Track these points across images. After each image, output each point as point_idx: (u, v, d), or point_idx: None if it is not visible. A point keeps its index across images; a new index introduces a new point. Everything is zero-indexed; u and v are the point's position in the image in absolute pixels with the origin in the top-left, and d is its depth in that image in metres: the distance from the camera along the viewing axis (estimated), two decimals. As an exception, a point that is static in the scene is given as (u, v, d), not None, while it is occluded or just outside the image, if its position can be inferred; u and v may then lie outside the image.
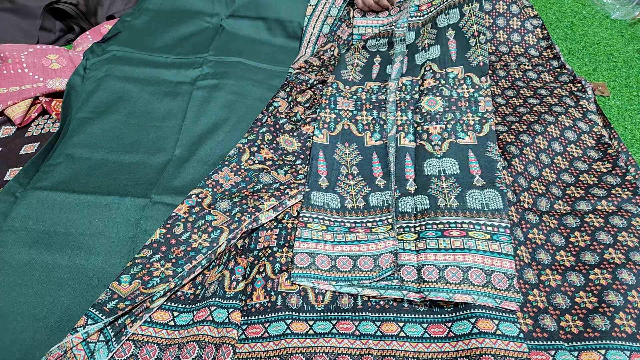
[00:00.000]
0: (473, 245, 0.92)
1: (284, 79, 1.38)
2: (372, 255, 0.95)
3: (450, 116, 1.16)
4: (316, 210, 1.03)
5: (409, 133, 1.17)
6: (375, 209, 1.04)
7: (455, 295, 0.86)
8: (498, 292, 0.86)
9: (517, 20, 1.49)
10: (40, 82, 1.32)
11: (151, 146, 1.19)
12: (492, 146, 1.09)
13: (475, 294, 0.86)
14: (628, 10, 1.62)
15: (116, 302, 0.86)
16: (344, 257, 0.95)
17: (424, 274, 0.90)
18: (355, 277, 0.92)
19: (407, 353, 0.82)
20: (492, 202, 0.98)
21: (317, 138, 1.18)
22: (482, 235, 0.94)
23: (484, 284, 0.87)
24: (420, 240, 0.96)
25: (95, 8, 1.67)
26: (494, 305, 0.84)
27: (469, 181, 1.03)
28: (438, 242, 0.94)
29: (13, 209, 1.02)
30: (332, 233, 0.99)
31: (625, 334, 0.81)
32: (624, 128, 1.28)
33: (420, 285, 0.89)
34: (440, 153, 1.10)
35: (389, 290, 0.89)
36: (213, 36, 1.54)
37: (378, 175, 1.10)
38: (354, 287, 0.90)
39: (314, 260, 0.94)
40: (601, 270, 0.90)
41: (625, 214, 0.99)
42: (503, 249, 0.91)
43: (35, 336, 0.85)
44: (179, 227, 0.99)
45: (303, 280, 0.92)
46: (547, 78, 1.37)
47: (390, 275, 0.91)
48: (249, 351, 0.83)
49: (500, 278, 0.87)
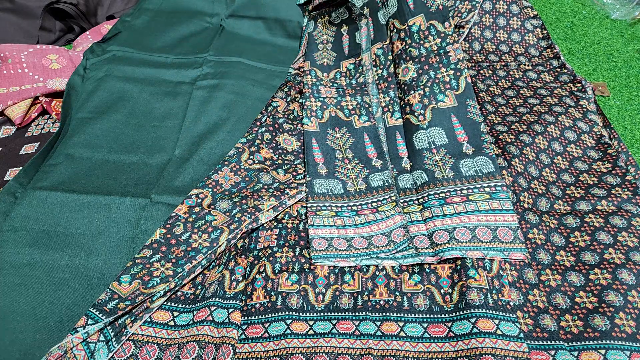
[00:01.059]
0: (475, 207, 0.98)
1: (284, 79, 1.38)
2: (384, 232, 0.99)
3: (425, 78, 1.17)
4: (322, 199, 1.06)
5: (395, 111, 1.19)
6: (377, 189, 1.07)
7: (468, 252, 0.91)
8: (504, 245, 0.92)
9: (517, 20, 1.49)
10: (40, 82, 1.32)
11: (151, 146, 1.19)
12: (472, 104, 1.11)
13: (484, 249, 0.92)
14: (628, 10, 1.62)
15: (116, 302, 0.86)
16: (358, 238, 0.99)
17: (436, 239, 0.95)
18: (373, 251, 0.96)
19: (407, 353, 0.82)
20: (484, 167, 1.04)
21: (307, 126, 1.20)
22: (481, 196, 1.00)
23: (491, 240, 0.93)
24: (426, 210, 1.01)
25: (95, 8, 1.67)
26: (503, 257, 0.91)
27: (459, 150, 1.08)
28: (442, 209, 0.99)
29: (13, 209, 1.02)
30: (342, 218, 1.03)
31: (625, 334, 0.81)
32: (624, 128, 1.28)
33: (434, 249, 0.94)
34: (425, 123, 1.12)
35: (407, 259, 0.94)
36: (213, 36, 1.54)
37: (373, 156, 1.14)
38: (374, 259, 0.95)
39: (330, 242, 0.98)
40: (601, 270, 0.90)
41: (625, 214, 0.99)
42: (503, 206, 0.97)
43: (35, 336, 0.85)
44: (179, 227, 0.99)
45: (324, 261, 0.95)
46: (547, 78, 1.37)
47: (405, 247, 0.96)
48: (249, 351, 0.83)
49: (505, 232, 0.94)
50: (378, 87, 1.25)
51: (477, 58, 1.45)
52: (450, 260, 0.92)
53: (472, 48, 1.46)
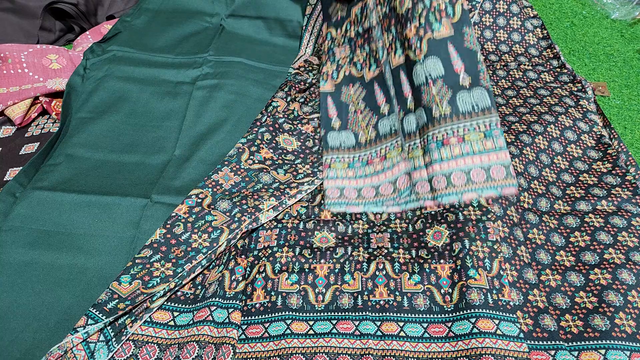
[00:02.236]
0: (470, 148, 1.02)
1: (284, 79, 1.38)
2: (391, 180, 1.09)
3: (420, 7, 1.14)
4: (335, 152, 1.16)
5: (397, 48, 1.18)
6: (384, 136, 1.15)
7: (464, 195, 0.98)
8: (497, 183, 0.97)
9: (517, 20, 1.50)
10: (40, 82, 1.32)
11: (151, 146, 1.19)
12: (469, 32, 1.09)
13: (479, 190, 0.97)
14: (628, 10, 1.62)
15: (116, 302, 0.86)
16: (368, 188, 1.10)
17: (435, 184, 1.02)
18: (379, 200, 1.07)
19: (407, 353, 0.82)
20: (480, 100, 1.05)
21: (323, 87, 1.23)
22: (476, 136, 1.03)
23: (485, 180, 0.98)
24: (427, 154, 1.06)
25: (95, 8, 1.67)
26: (497, 195, 0.97)
27: (456, 81, 1.07)
28: (440, 153, 1.04)
29: (13, 209, 1.02)
30: (354, 169, 1.13)
31: (625, 334, 0.81)
32: (624, 128, 1.28)
33: (433, 194, 1.01)
34: (422, 56, 1.11)
35: (409, 204, 1.03)
36: (213, 36, 1.54)
37: (381, 103, 1.18)
38: (379, 207, 1.05)
39: (342, 192, 1.09)
40: (601, 270, 0.90)
41: (625, 214, 0.99)
42: (496, 144, 1.00)
43: (35, 336, 0.85)
44: (179, 227, 0.99)
45: (336, 207, 1.07)
46: (547, 78, 1.37)
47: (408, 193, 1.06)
48: (249, 351, 0.83)
49: (498, 169, 0.98)
50: (382, 26, 1.25)
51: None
52: (450, 260, 0.92)
53: (472, 48, 1.46)
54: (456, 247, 0.93)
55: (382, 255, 0.96)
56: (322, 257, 0.96)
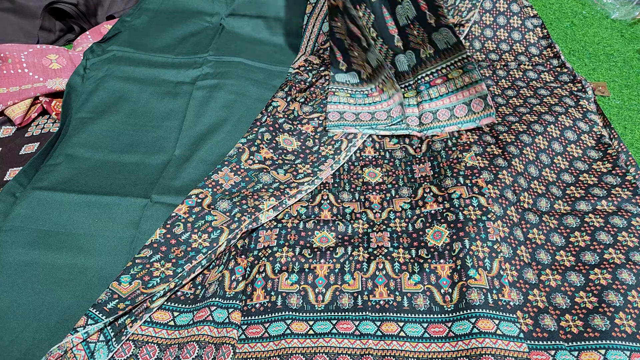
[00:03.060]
0: (454, 86, 1.20)
1: (284, 79, 1.38)
2: (386, 110, 1.24)
3: None
4: (340, 85, 1.32)
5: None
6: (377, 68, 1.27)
7: (445, 128, 1.17)
8: (476, 115, 1.15)
9: (517, 19, 1.50)
10: (40, 82, 1.32)
11: (151, 146, 1.19)
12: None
13: (459, 123, 1.16)
14: (628, 10, 1.62)
15: (116, 302, 0.86)
16: (365, 113, 1.26)
17: (423, 119, 1.21)
18: (374, 123, 1.22)
19: (407, 353, 0.82)
20: (449, 38, 1.19)
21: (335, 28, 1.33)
22: (457, 73, 1.20)
23: (466, 114, 1.16)
24: (419, 94, 1.24)
25: (95, 8, 1.67)
26: (475, 126, 1.15)
27: (425, 20, 1.21)
28: (429, 93, 1.23)
29: (13, 209, 1.02)
30: (355, 99, 1.29)
31: (625, 334, 0.81)
32: (624, 128, 1.28)
33: (420, 127, 1.20)
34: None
35: (398, 130, 1.20)
36: (213, 36, 1.53)
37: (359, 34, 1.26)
38: (373, 129, 1.21)
39: (342, 115, 1.24)
40: (601, 270, 0.90)
41: (625, 214, 0.98)
42: (472, 78, 1.17)
43: (35, 336, 0.85)
44: (179, 227, 0.99)
45: (335, 128, 1.22)
46: (547, 78, 1.37)
47: (399, 122, 1.21)
48: (249, 351, 0.83)
49: (477, 102, 1.15)
50: None
51: (477, 57, 1.44)
52: (450, 260, 0.92)
53: (472, 47, 1.46)
54: (456, 247, 0.93)
55: (382, 254, 0.96)
56: (322, 257, 0.96)
